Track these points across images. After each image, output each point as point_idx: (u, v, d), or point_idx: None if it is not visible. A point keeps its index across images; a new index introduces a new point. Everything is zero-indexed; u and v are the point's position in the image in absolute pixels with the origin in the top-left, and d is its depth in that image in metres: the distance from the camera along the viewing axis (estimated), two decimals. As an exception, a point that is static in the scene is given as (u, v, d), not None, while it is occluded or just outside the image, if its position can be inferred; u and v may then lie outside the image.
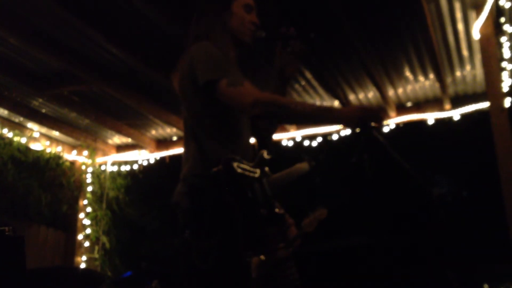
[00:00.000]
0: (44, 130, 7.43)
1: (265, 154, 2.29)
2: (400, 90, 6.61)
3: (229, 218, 2.04)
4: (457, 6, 5.01)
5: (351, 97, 6.67)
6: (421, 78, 6.31)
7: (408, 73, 6.16)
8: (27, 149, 7.24)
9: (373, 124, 2.07)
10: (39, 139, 7.50)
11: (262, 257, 4.14)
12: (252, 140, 2.48)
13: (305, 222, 4.41)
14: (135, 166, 8.37)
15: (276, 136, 7.13)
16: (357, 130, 2.08)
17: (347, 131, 6.94)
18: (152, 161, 8.19)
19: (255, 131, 2.49)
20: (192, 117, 2.30)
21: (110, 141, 8.30)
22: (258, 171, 2.22)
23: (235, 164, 2.08)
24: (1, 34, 5.04)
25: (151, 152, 8.13)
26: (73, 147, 8.14)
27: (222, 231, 2.07)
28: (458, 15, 5.14)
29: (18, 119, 7.03)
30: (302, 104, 2.43)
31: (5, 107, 6.60)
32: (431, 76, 6.22)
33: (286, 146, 7.40)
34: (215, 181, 2.06)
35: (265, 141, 2.49)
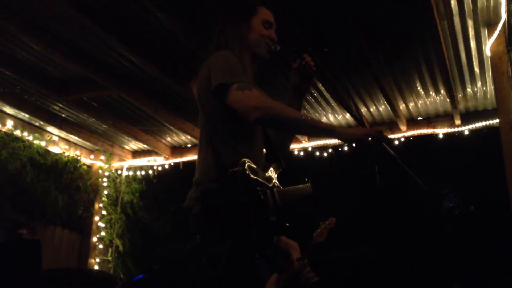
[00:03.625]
0: (63, 134, 7.59)
1: (275, 168, 2.37)
2: (411, 104, 6.66)
3: (241, 223, 2.06)
4: (470, 24, 5.05)
5: (363, 110, 6.74)
6: (432, 93, 6.35)
7: (419, 88, 6.20)
8: (46, 152, 7.40)
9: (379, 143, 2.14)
10: (58, 142, 7.66)
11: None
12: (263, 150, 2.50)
13: (316, 233, 4.58)
14: (150, 172, 8.51)
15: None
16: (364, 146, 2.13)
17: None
18: (166, 167, 8.33)
19: (266, 141, 2.50)
20: (208, 123, 2.32)
21: (126, 147, 8.45)
22: (272, 180, 2.29)
23: (249, 167, 2.13)
24: (24, 40, 5.20)
25: (166, 158, 8.26)
26: (90, 151, 8.31)
27: (233, 236, 2.08)
28: (471, 32, 5.18)
29: (38, 122, 7.18)
30: (308, 118, 2.41)
31: (26, 111, 6.74)
32: (442, 91, 6.26)
33: (298, 155, 7.49)
34: (232, 181, 2.08)
35: (275, 152, 2.50)
